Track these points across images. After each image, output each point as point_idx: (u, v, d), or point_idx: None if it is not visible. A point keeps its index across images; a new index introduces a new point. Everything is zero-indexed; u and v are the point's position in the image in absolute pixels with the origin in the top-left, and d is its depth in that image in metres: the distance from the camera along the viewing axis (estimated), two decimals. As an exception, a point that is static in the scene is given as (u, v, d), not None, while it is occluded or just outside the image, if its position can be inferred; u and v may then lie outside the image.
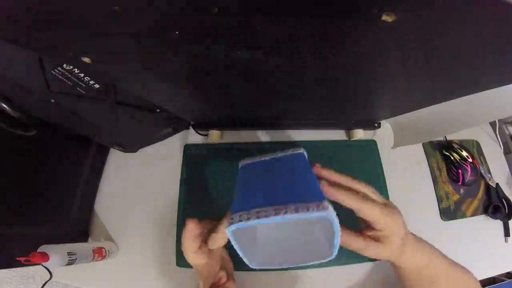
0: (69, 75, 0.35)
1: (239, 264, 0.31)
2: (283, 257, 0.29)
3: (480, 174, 0.59)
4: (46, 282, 0.45)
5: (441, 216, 0.57)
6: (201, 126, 0.60)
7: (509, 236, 0.56)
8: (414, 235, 0.34)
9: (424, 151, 0.62)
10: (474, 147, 0.64)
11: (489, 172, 0.61)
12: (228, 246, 0.27)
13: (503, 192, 0.58)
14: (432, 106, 0.42)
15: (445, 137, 0.63)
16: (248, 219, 0.24)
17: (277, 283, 0.50)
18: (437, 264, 0.35)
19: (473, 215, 0.57)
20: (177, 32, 0.22)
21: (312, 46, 0.25)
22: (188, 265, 0.35)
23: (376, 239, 0.30)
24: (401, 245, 0.31)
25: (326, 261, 0.27)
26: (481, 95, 0.33)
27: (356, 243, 0.30)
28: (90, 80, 0.36)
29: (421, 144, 0.62)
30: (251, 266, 0.28)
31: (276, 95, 0.41)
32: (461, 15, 0.19)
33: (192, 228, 0.31)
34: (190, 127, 0.62)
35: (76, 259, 0.42)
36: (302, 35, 0.23)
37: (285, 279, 0.51)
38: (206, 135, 0.60)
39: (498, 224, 0.57)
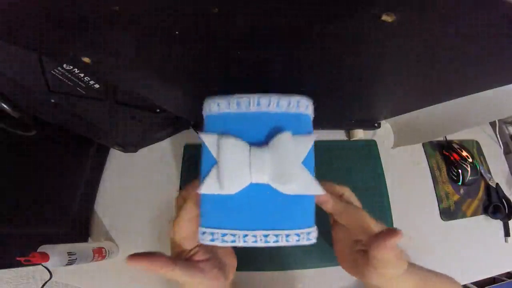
0: (69, 75, 0.35)
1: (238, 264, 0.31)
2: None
3: (480, 174, 0.59)
4: (46, 282, 0.45)
5: (441, 216, 0.57)
6: (201, 126, 0.60)
7: (509, 236, 0.56)
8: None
9: (424, 151, 0.62)
10: (474, 147, 0.64)
11: (489, 172, 0.61)
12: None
13: (503, 192, 0.58)
14: (432, 106, 0.42)
15: (445, 137, 0.63)
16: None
17: (275, 283, 0.50)
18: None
19: (473, 215, 0.57)
20: (177, 32, 0.22)
21: (312, 47, 0.25)
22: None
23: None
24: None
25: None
26: (481, 95, 0.33)
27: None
28: (90, 80, 0.36)
29: (421, 144, 0.62)
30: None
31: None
32: (462, 15, 0.19)
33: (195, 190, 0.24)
34: (190, 127, 0.62)
35: (76, 259, 0.42)
36: (302, 36, 0.23)
37: (283, 279, 0.51)
38: (206, 135, 0.60)
39: (498, 224, 0.57)
